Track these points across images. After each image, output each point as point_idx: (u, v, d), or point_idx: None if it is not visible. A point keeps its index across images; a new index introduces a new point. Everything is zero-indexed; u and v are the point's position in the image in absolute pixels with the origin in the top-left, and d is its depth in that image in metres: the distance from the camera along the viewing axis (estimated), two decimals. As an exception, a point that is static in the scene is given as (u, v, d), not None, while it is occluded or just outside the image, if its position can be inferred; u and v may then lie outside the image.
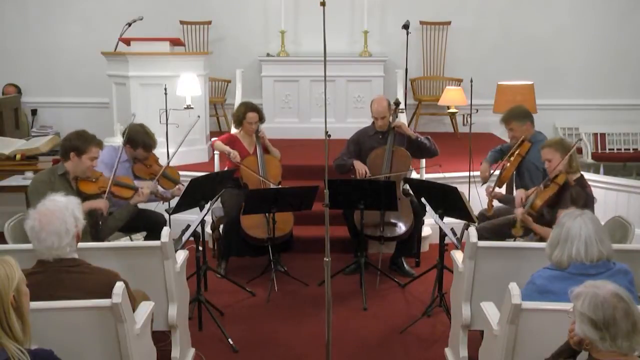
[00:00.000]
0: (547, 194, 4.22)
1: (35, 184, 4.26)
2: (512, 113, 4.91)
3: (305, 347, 4.21)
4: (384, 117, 5.44)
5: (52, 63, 8.42)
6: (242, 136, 5.68)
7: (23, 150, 6.07)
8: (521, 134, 4.83)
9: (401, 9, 8.18)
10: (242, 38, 8.34)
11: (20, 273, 2.34)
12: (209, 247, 5.69)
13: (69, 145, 4.26)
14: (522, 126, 4.83)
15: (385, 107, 5.45)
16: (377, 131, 5.55)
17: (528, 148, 4.79)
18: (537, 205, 4.26)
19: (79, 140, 4.26)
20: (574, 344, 2.39)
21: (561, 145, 4.27)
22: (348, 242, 5.51)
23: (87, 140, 4.27)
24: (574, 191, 4.08)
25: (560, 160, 4.18)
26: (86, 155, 4.24)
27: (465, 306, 3.72)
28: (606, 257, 2.92)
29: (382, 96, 5.70)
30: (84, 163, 4.25)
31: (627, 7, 8.37)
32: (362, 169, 5.41)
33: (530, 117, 4.89)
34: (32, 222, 2.89)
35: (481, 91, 6.51)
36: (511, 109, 5.00)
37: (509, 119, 4.89)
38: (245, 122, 5.56)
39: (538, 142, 4.75)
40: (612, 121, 8.34)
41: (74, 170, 4.28)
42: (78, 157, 4.24)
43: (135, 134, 4.85)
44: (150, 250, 3.64)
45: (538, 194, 4.27)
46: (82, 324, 2.86)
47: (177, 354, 3.77)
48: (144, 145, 4.85)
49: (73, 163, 4.25)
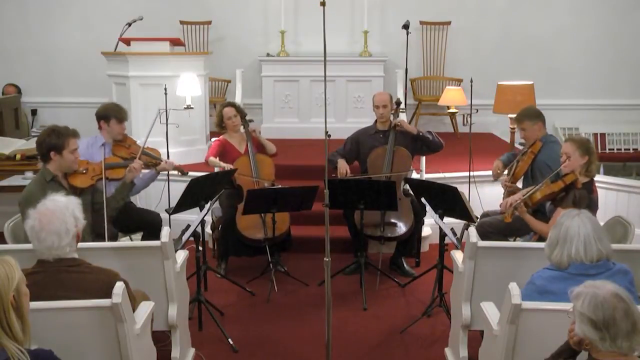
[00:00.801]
0: (550, 190, 4.18)
1: (27, 195, 4.01)
2: (524, 113, 4.94)
3: (305, 347, 4.21)
4: (385, 106, 5.45)
5: (52, 63, 8.42)
6: (230, 136, 5.66)
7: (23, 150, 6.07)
8: (532, 134, 4.84)
9: (401, 9, 8.18)
10: (242, 38, 8.34)
11: (20, 273, 2.34)
12: (209, 247, 5.69)
13: (46, 145, 4.12)
14: (534, 126, 4.84)
15: (387, 96, 5.52)
16: (377, 130, 5.56)
17: (540, 147, 4.79)
18: (535, 197, 4.23)
19: (53, 137, 4.12)
20: (574, 344, 2.39)
21: (585, 145, 4.24)
22: (348, 242, 5.51)
23: (62, 135, 4.13)
24: (578, 193, 4.05)
25: (579, 159, 4.18)
26: (66, 149, 4.13)
27: (465, 306, 3.72)
28: (606, 256, 2.92)
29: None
30: (67, 158, 4.14)
31: (627, 7, 8.36)
32: (344, 169, 5.44)
33: (542, 118, 4.91)
34: (32, 222, 2.89)
35: (481, 91, 6.51)
36: (524, 109, 5.04)
37: (521, 118, 4.91)
38: (225, 119, 5.58)
39: (549, 143, 4.82)
40: (612, 121, 8.34)
41: (59, 168, 4.18)
42: (59, 155, 4.13)
43: (104, 109, 4.94)
44: (150, 250, 3.64)
45: (541, 188, 4.25)
46: (82, 324, 2.86)
47: (177, 354, 3.77)
48: (115, 116, 4.86)
49: (55, 162, 4.14)
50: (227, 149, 5.59)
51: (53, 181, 4.14)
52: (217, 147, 5.58)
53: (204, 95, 6.72)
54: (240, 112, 5.66)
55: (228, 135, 5.67)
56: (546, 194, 4.21)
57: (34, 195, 3.86)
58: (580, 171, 4.19)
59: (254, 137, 5.63)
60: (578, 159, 4.19)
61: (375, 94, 5.68)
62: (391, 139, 5.43)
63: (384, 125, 5.53)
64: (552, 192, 4.19)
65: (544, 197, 4.22)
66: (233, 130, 5.63)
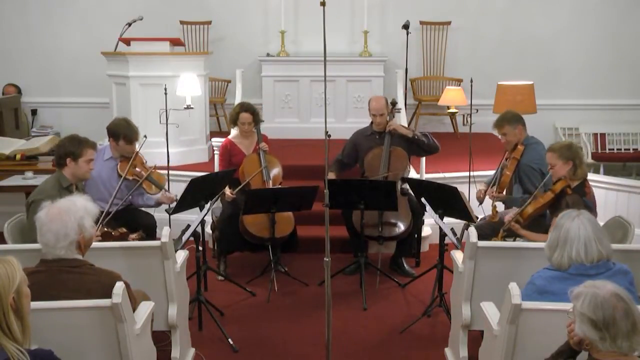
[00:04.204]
0: (541, 202, 4.20)
1: (42, 197, 3.77)
2: (504, 117, 4.89)
3: (305, 347, 4.20)
4: (382, 114, 5.44)
5: (52, 63, 8.41)
6: (237, 138, 5.65)
7: (23, 150, 6.07)
8: (514, 138, 4.81)
9: (401, 9, 8.18)
10: (242, 38, 8.34)
11: (22, 274, 2.33)
12: (209, 247, 5.69)
13: (64, 151, 4.20)
14: (514, 130, 4.81)
15: (383, 104, 5.48)
16: (373, 131, 5.56)
17: (522, 151, 4.77)
18: (527, 213, 4.25)
19: (72, 144, 4.20)
20: (574, 344, 2.40)
21: (566, 151, 4.19)
22: (348, 242, 5.51)
23: (80, 144, 4.21)
24: (570, 199, 4.03)
25: (563, 166, 4.16)
26: (82, 158, 4.20)
27: (465, 306, 3.72)
28: (606, 257, 2.92)
29: (379, 95, 5.71)
30: (81, 167, 4.21)
31: (627, 7, 8.36)
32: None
33: (522, 121, 4.87)
34: (41, 213, 2.91)
35: (481, 91, 6.51)
36: (502, 114, 4.98)
37: (501, 123, 4.86)
38: (239, 122, 5.54)
39: (530, 145, 4.80)
40: (612, 121, 8.33)
41: (73, 176, 4.23)
42: (74, 162, 4.19)
43: (115, 126, 4.86)
44: (150, 250, 3.64)
45: (532, 202, 4.24)
46: (82, 324, 2.86)
47: (177, 354, 3.77)
48: (124, 137, 4.80)
49: (70, 169, 4.20)
50: (233, 151, 5.58)
51: (69, 189, 4.16)
52: (223, 154, 5.60)
53: (204, 95, 6.71)
54: (256, 120, 5.58)
55: (238, 137, 5.65)
56: (537, 206, 4.22)
57: (49, 198, 3.80)
58: (569, 176, 4.17)
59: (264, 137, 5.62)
60: (562, 167, 4.17)
61: (371, 99, 5.60)
62: (387, 140, 5.43)
63: (379, 127, 5.53)
64: (543, 204, 4.20)
65: (536, 210, 4.23)
66: (242, 135, 5.62)
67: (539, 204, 4.21)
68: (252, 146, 5.60)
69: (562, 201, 4.07)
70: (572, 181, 4.17)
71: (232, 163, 5.50)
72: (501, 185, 4.78)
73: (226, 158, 5.56)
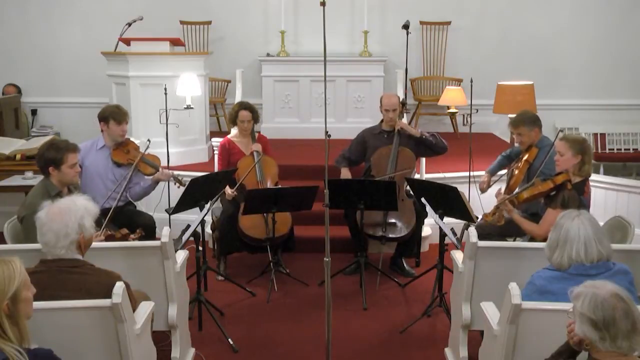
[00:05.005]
0: (539, 189, 4.13)
1: (30, 207, 3.76)
2: (521, 118, 4.79)
3: (305, 347, 4.20)
4: (394, 110, 5.45)
5: (52, 63, 8.41)
6: (237, 138, 5.65)
7: (23, 150, 6.07)
8: (529, 140, 4.74)
9: (401, 9, 8.18)
10: (242, 38, 8.34)
11: (22, 279, 2.31)
12: (209, 247, 5.69)
13: (44, 160, 4.04)
14: (531, 132, 4.73)
15: (396, 100, 5.51)
16: (382, 130, 5.56)
17: (535, 154, 4.69)
18: (522, 196, 4.20)
19: (52, 151, 4.03)
20: (574, 344, 2.39)
21: (579, 144, 4.15)
22: (348, 242, 5.50)
23: (60, 150, 4.03)
24: (568, 195, 4.00)
25: (572, 158, 4.13)
26: (65, 164, 4.03)
27: (465, 306, 3.72)
28: (606, 257, 2.91)
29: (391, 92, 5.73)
30: (66, 173, 4.06)
31: (627, 7, 8.37)
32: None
33: (539, 123, 4.78)
34: (42, 213, 2.91)
35: (481, 91, 6.50)
36: (520, 113, 4.89)
37: (518, 123, 4.77)
38: (238, 120, 5.55)
39: (545, 147, 4.68)
40: (612, 121, 8.33)
41: (61, 182, 4.10)
42: (57, 170, 4.04)
43: (103, 110, 4.93)
44: (150, 250, 3.64)
45: (530, 187, 4.21)
46: (82, 324, 2.86)
47: (177, 354, 3.77)
48: (113, 118, 4.82)
49: (54, 177, 4.07)
50: (232, 150, 5.59)
51: (59, 196, 4.00)
52: (222, 154, 5.60)
53: (204, 95, 6.72)
54: (255, 119, 5.61)
55: (237, 136, 5.66)
56: (534, 193, 4.15)
57: (37, 207, 3.79)
58: (573, 171, 4.15)
59: (261, 137, 5.61)
60: (571, 159, 4.14)
61: (384, 95, 5.65)
62: (396, 140, 5.41)
63: (389, 125, 5.53)
64: (540, 192, 4.14)
65: (532, 196, 4.17)
66: (242, 134, 5.62)
67: (536, 191, 4.15)
68: (250, 148, 5.60)
69: (560, 194, 4.05)
70: (575, 177, 4.15)
71: (232, 162, 5.50)
72: (510, 187, 4.68)
73: (225, 157, 5.57)
